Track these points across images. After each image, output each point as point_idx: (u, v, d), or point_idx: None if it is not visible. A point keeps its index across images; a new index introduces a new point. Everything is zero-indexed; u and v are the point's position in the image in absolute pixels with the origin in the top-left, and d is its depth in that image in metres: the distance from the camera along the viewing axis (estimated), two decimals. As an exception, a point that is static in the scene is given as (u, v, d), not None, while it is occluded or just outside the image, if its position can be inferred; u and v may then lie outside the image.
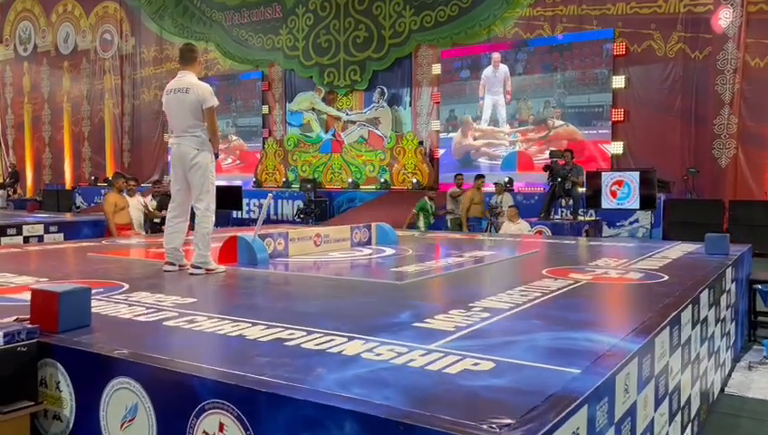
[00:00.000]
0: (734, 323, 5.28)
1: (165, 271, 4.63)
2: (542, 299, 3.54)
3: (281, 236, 5.47)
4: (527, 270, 5.08)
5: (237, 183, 18.35)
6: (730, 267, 5.00)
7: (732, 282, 5.11)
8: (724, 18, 13.82)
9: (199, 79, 4.68)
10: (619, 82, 14.97)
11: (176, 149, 4.58)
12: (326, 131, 19.69)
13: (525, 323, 3.01)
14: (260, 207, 17.49)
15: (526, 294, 3.65)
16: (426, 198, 12.46)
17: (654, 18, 14.61)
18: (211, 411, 2.03)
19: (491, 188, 12.98)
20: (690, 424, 3.47)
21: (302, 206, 16.76)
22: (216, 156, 4.64)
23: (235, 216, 16.36)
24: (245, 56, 20.95)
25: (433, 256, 6.12)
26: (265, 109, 20.86)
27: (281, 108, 20.69)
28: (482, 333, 2.76)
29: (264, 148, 20.63)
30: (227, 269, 4.71)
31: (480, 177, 12.61)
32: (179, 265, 4.66)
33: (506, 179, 13.58)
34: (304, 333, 2.69)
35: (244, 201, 16.22)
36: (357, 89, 18.96)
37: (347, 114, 19.28)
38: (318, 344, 2.52)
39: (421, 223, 12.04)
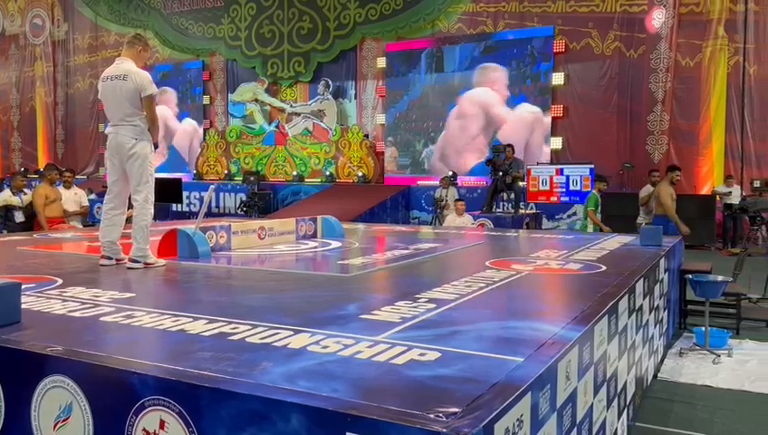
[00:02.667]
0: (666, 312, 5.50)
1: (101, 265, 4.46)
2: (486, 290, 3.59)
3: (223, 228, 5.36)
4: (471, 262, 5.14)
5: (178, 175, 17.90)
6: (663, 258, 5.20)
7: (665, 272, 5.32)
8: (658, 19, 14.38)
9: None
10: (558, 78, 15.36)
11: (112, 138, 4.40)
12: (270, 123, 19.43)
13: (471, 313, 3.04)
14: (200, 200, 17.11)
15: (471, 285, 3.70)
16: (595, 190, 10.04)
17: (592, 17, 15.05)
18: (151, 409, 1.97)
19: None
20: (626, 409, 3.60)
21: (244, 199, 16.50)
22: (156, 146, 4.50)
23: (174, 209, 15.95)
24: (186, 45, 20.42)
25: (378, 249, 6.13)
26: (206, 99, 20.39)
27: (222, 99, 20.27)
28: (428, 323, 2.77)
29: (204, 139, 20.17)
30: (167, 263, 4.57)
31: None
32: (116, 260, 4.50)
33: (450, 173, 13.74)
34: (249, 327, 2.63)
35: (184, 194, 15.83)
36: (301, 81, 18.79)
37: (291, 106, 19.07)
38: (263, 338, 2.47)
39: (590, 226, 9.76)
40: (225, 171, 19.54)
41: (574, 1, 15.25)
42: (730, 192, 12.79)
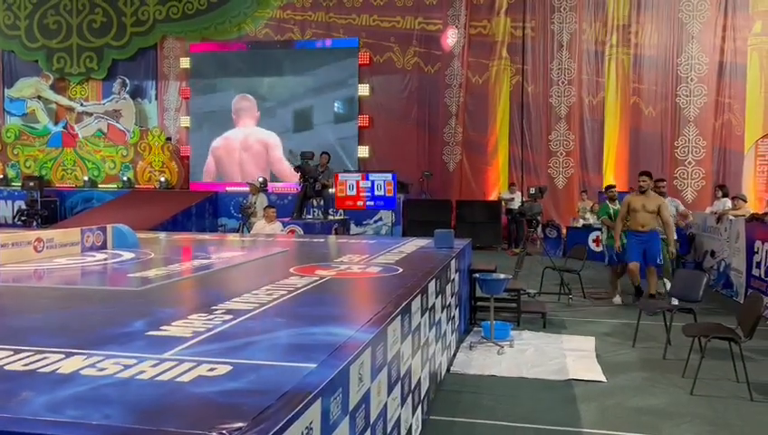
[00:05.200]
0: (458, 309, 5.94)
1: None
2: (287, 297, 3.56)
3: (-11, 241, 4.68)
4: (275, 269, 5.08)
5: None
6: (454, 259, 5.61)
7: (456, 272, 5.74)
8: (451, 37, 15.59)
9: None
10: (363, 89, 15.93)
11: None
12: (56, 123, 17.55)
13: (268, 322, 2.99)
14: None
15: (271, 293, 3.64)
16: (607, 201, 9.02)
17: (393, 32, 15.87)
18: None
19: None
20: (421, 404, 3.79)
21: (23, 207, 14.68)
22: None
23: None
24: (-52, 30, 17.69)
25: (178, 259, 5.80)
26: (-24, 94, 17.85)
27: (-3, 94, 17.89)
28: (222, 336, 2.66)
29: (-26, 139, 17.64)
30: None
31: None
32: None
33: (260, 180, 13.54)
34: (10, 353, 2.31)
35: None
36: (93, 78, 17.27)
37: (82, 105, 17.43)
38: (27, 364, 2.19)
39: (605, 235, 8.86)
40: (0, 176, 17.24)
41: (377, 15, 15.95)
42: (513, 198, 14.26)
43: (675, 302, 6.28)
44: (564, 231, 13.32)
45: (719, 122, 14.44)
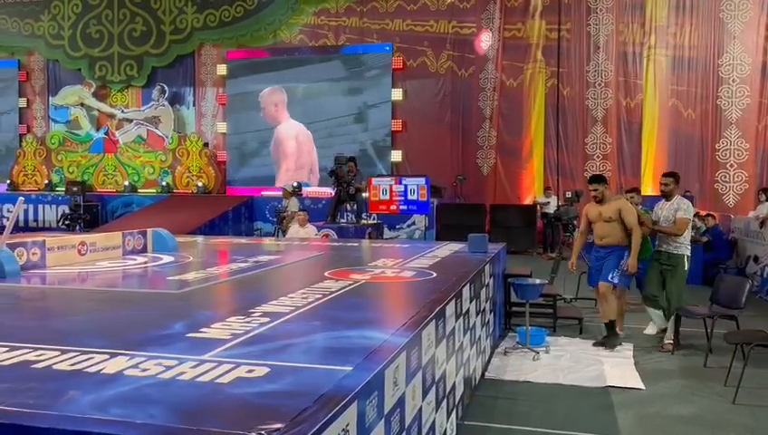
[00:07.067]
0: (492, 314, 5.90)
1: None
2: (322, 301, 3.60)
3: (36, 244, 4.85)
4: (310, 273, 5.13)
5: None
6: (488, 264, 5.58)
7: (490, 277, 5.71)
8: (485, 41, 15.52)
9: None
10: (397, 94, 15.98)
11: None
12: (97, 129, 18.04)
13: (304, 325, 3.03)
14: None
15: (307, 297, 3.68)
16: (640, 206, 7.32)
17: (427, 36, 15.87)
18: (-70, 455, 1.71)
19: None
20: (455, 409, 3.79)
21: (67, 211, 15.11)
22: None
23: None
24: (-3, 41, 18.37)
25: (215, 263, 5.90)
26: (23, 102, 18.47)
27: (42, 102, 18.47)
28: (259, 338, 2.71)
29: (21, 146, 18.23)
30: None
31: None
32: None
33: (294, 184, 13.68)
34: (57, 353, 2.39)
35: (-5, 206, 14.19)
36: (134, 85, 17.70)
37: (122, 111, 17.88)
38: (73, 365, 2.26)
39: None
40: (46, 181, 17.79)
41: (411, 20, 15.99)
42: (548, 202, 14.10)
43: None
44: (601, 235, 13.09)
45: (762, 124, 14.05)
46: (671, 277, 6.00)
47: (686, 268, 5.99)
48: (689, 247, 6.07)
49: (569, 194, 13.16)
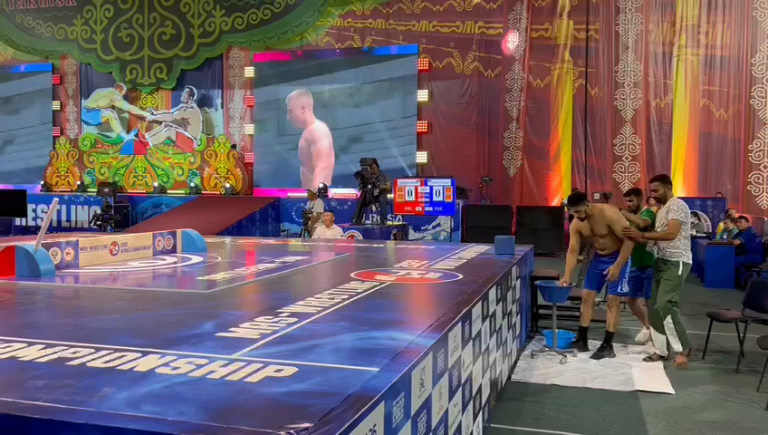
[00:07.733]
0: (519, 316, 5.86)
1: None
2: (348, 301, 3.62)
3: (70, 244, 4.96)
4: (336, 274, 5.16)
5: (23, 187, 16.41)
6: (515, 266, 5.54)
7: (517, 279, 5.67)
8: (512, 42, 15.42)
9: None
10: (423, 95, 15.96)
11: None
12: (128, 131, 18.38)
13: (331, 325, 3.04)
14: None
15: (334, 297, 3.70)
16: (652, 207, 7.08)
17: (453, 37, 15.83)
18: (-30, 448, 1.76)
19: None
20: (482, 411, 3.77)
21: (99, 212, 15.42)
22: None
23: (17, 223, 14.58)
24: (32, 46, 18.80)
25: (243, 263, 5.97)
26: (56, 105, 18.89)
27: (75, 104, 18.88)
28: (287, 338, 2.73)
29: (54, 148, 18.65)
30: (3, 283, 4.15)
31: None
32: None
33: (321, 185, 13.77)
34: (92, 351, 2.45)
35: (30, 207, 14.53)
36: (163, 87, 17.99)
37: (152, 114, 18.17)
38: (107, 362, 2.31)
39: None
40: (78, 182, 18.17)
41: (437, 21, 15.96)
42: (576, 204, 13.91)
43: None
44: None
45: (798, 124, 13.73)
46: (662, 282, 5.63)
47: (679, 274, 5.53)
48: (687, 253, 5.60)
49: (597, 195, 13.00)
